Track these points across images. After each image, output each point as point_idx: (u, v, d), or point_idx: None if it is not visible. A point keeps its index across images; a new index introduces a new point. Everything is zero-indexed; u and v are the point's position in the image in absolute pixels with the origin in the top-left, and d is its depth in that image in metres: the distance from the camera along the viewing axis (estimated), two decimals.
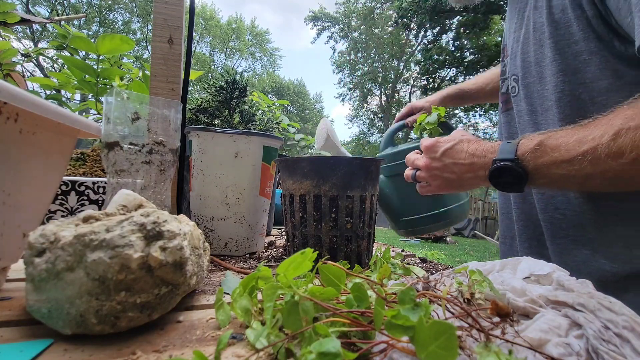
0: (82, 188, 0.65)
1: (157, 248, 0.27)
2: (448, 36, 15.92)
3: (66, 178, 0.65)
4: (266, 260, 0.59)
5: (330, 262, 0.28)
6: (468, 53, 15.64)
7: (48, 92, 1.20)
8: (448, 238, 7.01)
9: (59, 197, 0.63)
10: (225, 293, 0.34)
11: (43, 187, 0.38)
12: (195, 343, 0.26)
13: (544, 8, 0.55)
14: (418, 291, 0.28)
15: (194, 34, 1.65)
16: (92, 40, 1.03)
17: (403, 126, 0.95)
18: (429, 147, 0.60)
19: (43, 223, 0.33)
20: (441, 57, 16.33)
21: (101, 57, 1.06)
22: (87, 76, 1.05)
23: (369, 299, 0.25)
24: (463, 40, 15.22)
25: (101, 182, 0.67)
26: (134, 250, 0.25)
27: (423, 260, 0.65)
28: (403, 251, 0.76)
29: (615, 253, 0.51)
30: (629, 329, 0.22)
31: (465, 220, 1.01)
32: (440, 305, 0.26)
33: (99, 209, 0.45)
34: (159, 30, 0.70)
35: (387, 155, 0.96)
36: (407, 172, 0.67)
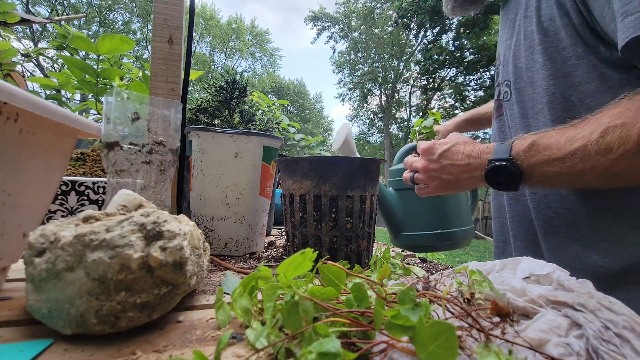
0: (82, 188, 0.65)
1: (157, 248, 0.27)
2: (448, 36, 15.92)
3: (66, 178, 0.65)
4: (266, 260, 0.59)
5: (330, 262, 0.28)
6: (468, 53, 15.64)
7: (48, 92, 1.21)
8: None
9: (59, 197, 0.63)
10: (225, 293, 0.34)
11: (43, 187, 0.38)
12: (195, 343, 0.26)
13: (534, 17, 0.57)
14: (418, 291, 0.28)
15: (194, 34, 1.65)
16: (92, 40, 1.03)
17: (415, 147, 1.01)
18: (426, 150, 0.62)
19: (43, 223, 0.33)
20: (441, 57, 16.33)
21: (101, 57, 1.06)
22: (87, 76, 1.05)
23: (369, 299, 0.25)
24: (463, 40, 15.22)
25: (101, 182, 0.67)
26: (134, 250, 0.25)
27: (423, 260, 0.65)
28: (403, 251, 0.76)
29: (606, 248, 0.53)
30: (629, 329, 0.22)
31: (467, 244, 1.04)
32: (440, 305, 0.26)
33: (99, 209, 0.45)
34: (159, 30, 0.70)
35: (398, 170, 1.04)
36: (406, 175, 0.68)
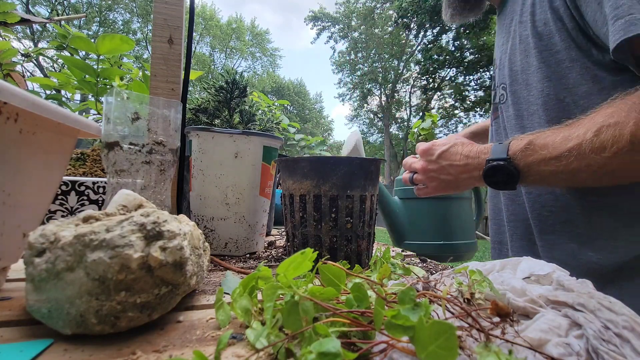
0: (82, 188, 0.65)
1: (157, 248, 0.27)
2: (448, 36, 15.93)
3: (66, 178, 0.65)
4: (266, 260, 0.59)
5: (330, 262, 0.28)
6: (468, 53, 15.65)
7: (48, 92, 1.21)
8: None
9: (59, 197, 0.63)
10: (225, 293, 0.34)
11: (43, 187, 0.38)
12: (195, 343, 0.26)
13: (528, 22, 0.59)
14: (418, 291, 0.28)
15: (194, 34, 1.65)
16: (92, 40, 1.03)
17: None
18: (425, 150, 0.63)
19: (43, 223, 0.33)
20: (441, 57, 16.33)
21: (101, 57, 1.06)
22: (87, 76, 1.05)
23: (369, 299, 0.25)
24: (463, 40, 15.23)
25: (101, 182, 0.67)
26: (134, 250, 0.25)
27: (423, 260, 0.65)
28: (403, 251, 0.76)
29: (600, 245, 0.54)
30: (629, 329, 0.22)
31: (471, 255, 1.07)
32: (440, 305, 0.26)
33: (99, 209, 0.45)
34: (159, 30, 0.70)
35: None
36: (405, 176, 0.70)
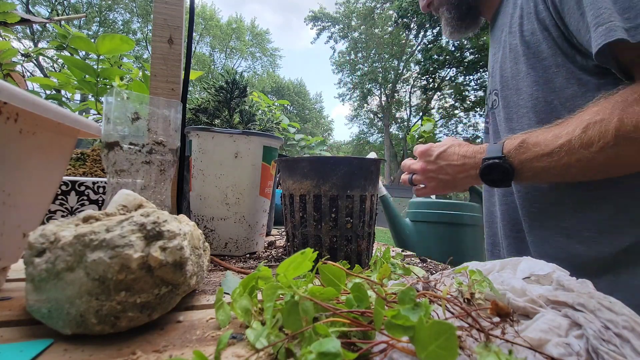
0: (82, 188, 0.65)
1: (157, 248, 0.27)
2: None
3: (66, 178, 0.65)
4: (266, 260, 0.59)
5: (330, 262, 0.28)
6: (468, 53, 15.64)
7: (48, 92, 1.21)
8: None
9: (59, 197, 0.63)
10: (225, 293, 0.34)
11: (43, 187, 0.38)
12: (195, 343, 0.26)
13: (517, 32, 0.63)
14: (418, 291, 0.28)
15: (194, 34, 1.65)
16: (92, 40, 1.03)
17: None
18: (424, 152, 0.66)
19: (43, 223, 0.33)
20: (441, 57, 16.33)
21: (101, 57, 1.06)
22: (87, 76, 1.05)
23: (369, 299, 0.25)
24: (463, 40, 15.22)
25: (101, 182, 0.67)
26: (134, 250, 0.25)
27: (423, 260, 0.65)
28: (403, 251, 0.76)
29: (586, 237, 0.56)
30: (629, 329, 0.22)
31: None
32: (440, 305, 0.26)
33: (99, 209, 0.45)
34: (159, 30, 0.70)
35: (418, 203, 1.12)
36: (404, 177, 0.73)
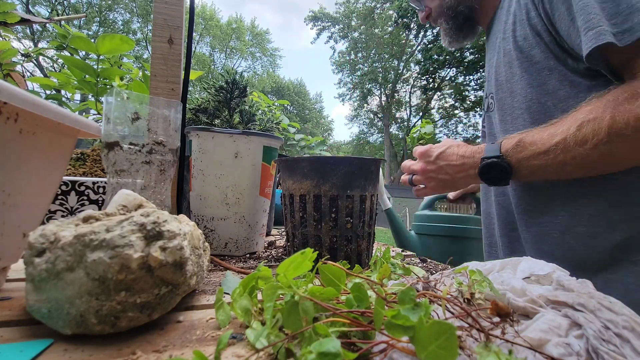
0: (82, 188, 0.65)
1: (157, 248, 0.27)
2: None
3: (66, 178, 0.65)
4: (266, 260, 0.59)
5: (330, 262, 0.28)
6: (468, 53, 15.64)
7: (48, 92, 1.21)
8: None
9: (59, 197, 0.63)
10: (225, 293, 0.34)
11: (43, 187, 0.38)
12: (195, 343, 0.26)
13: (510, 38, 0.65)
14: (418, 291, 0.28)
15: (194, 34, 1.65)
16: (92, 40, 1.03)
17: (444, 197, 1.11)
18: (424, 153, 0.68)
19: (43, 223, 0.33)
20: (441, 57, 16.33)
21: (101, 57, 1.06)
22: (87, 76, 1.06)
23: (369, 299, 0.25)
24: None
25: (101, 182, 0.67)
26: (134, 250, 0.25)
27: (423, 260, 0.65)
28: (403, 251, 0.76)
29: (580, 232, 0.58)
30: (629, 329, 0.22)
31: None
32: (440, 305, 0.26)
33: (99, 209, 0.45)
34: (159, 30, 0.70)
35: (424, 216, 1.13)
36: (404, 178, 0.74)
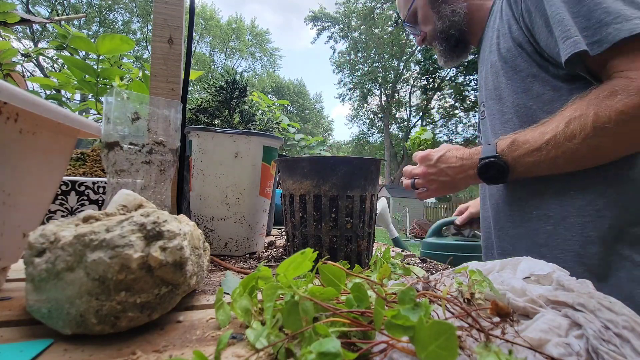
0: (82, 188, 0.65)
1: (157, 248, 0.27)
2: None
3: (66, 178, 0.65)
4: (266, 260, 0.59)
5: (330, 262, 0.28)
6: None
7: (48, 92, 1.21)
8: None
9: (59, 197, 0.63)
10: (225, 293, 0.34)
11: (43, 187, 0.38)
12: (195, 343, 0.26)
13: (495, 50, 0.71)
14: (418, 291, 0.28)
15: (194, 34, 1.65)
16: (92, 40, 1.03)
17: (451, 222, 1.12)
18: (424, 157, 0.73)
19: (43, 223, 0.33)
20: None
21: (101, 57, 1.06)
22: (87, 76, 1.06)
23: (369, 299, 0.25)
24: None
25: (101, 182, 0.67)
26: (134, 250, 0.25)
27: (423, 260, 0.65)
28: (403, 251, 0.76)
29: (572, 223, 0.61)
30: (629, 329, 0.22)
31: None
32: (440, 305, 0.26)
33: (99, 209, 0.45)
34: (159, 30, 0.70)
35: (432, 244, 1.14)
36: (406, 182, 0.78)
